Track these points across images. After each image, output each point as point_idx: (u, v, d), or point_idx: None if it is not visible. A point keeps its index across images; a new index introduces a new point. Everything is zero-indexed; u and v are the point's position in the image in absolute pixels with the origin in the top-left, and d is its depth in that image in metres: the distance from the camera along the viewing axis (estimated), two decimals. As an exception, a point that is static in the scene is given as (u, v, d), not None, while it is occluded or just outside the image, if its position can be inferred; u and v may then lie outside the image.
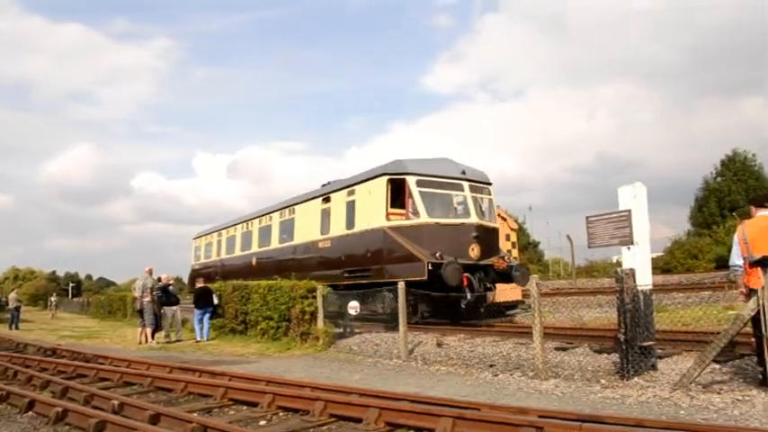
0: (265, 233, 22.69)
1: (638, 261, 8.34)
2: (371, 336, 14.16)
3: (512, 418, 5.40)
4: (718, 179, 43.34)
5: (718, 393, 6.73)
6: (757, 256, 6.78)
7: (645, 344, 8.00)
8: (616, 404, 6.63)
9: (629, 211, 8.47)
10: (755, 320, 6.70)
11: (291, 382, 8.25)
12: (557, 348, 10.34)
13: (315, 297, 14.24)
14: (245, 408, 7.28)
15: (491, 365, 9.85)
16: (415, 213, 14.84)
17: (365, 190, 16.04)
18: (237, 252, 25.26)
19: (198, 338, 16.84)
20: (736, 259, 7.11)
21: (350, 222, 16.49)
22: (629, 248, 8.41)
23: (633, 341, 7.93)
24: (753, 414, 5.78)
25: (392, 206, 15.55)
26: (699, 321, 12.04)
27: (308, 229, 18.93)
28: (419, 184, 15.02)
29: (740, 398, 6.38)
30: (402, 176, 15.18)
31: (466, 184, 15.51)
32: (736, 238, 7.24)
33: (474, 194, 15.59)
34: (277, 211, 21.77)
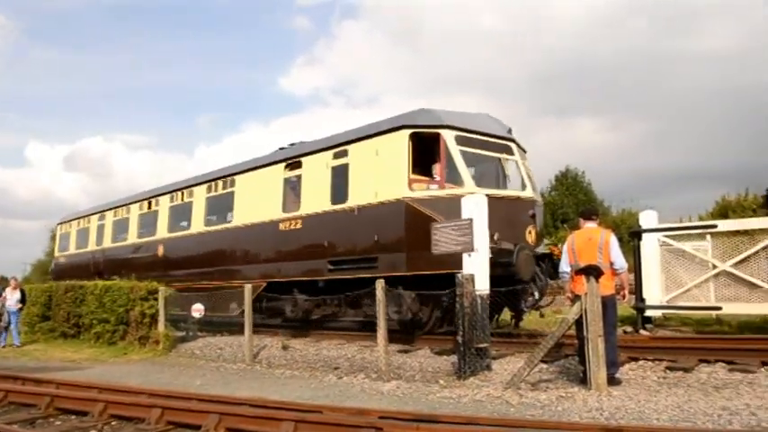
0: (179, 214, 17.46)
1: (477, 267, 8.75)
2: (215, 339, 13.84)
3: (352, 420, 5.49)
4: (552, 193, 46.43)
5: (545, 391, 7.20)
6: (582, 264, 7.36)
7: (480, 345, 8.42)
8: (453, 403, 6.91)
9: (471, 219, 8.89)
10: (579, 323, 7.24)
11: (126, 389, 7.92)
12: (400, 351, 10.62)
13: (156, 299, 13.64)
14: (73, 417, 6.89)
15: (336, 368, 9.94)
16: (457, 182, 10.92)
17: (369, 150, 11.72)
18: (131, 239, 19.25)
19: (17, 343, 15.61)
20: (565, 267, 7.70)
21: (338, 195, 12.16)
22: (469, 255, 8.81)
23: (470, 343, 8.32)
24: (573, 409, 6.23)
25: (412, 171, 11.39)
26: (531, 324, 12.87)
27: (258, 206, 14.24)
28: (459, 141, 11.00)
29: (563, 395, 6.86)
30: (434, 130, 11.09)
31: (515, 147, 11.91)
32: (565, 247, 7.82)
33: (524, 161, 12.08)
34: (201, 184, 16.44)
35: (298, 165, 13.39)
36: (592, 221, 7.82)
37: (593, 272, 7.18)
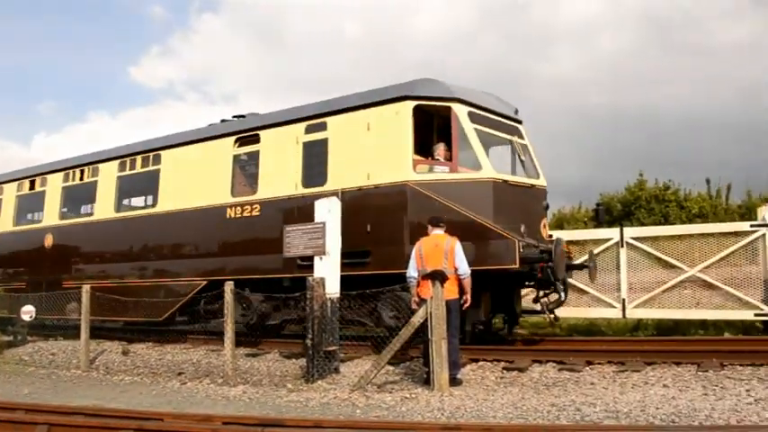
0: (78, 196, 14.88)
1: (329, 271, 8.81)
2: (48, 344, 12.84)
3: (195, 427, 5.35)
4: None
5: (390, 392, 7.37)
6: (429, 269, 7.63)
7: (329, 348, 8.47)
8: (300, 407, 6.90)
9: (324, 223, 8.93)
10: (425, 326, 7.49)
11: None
12: (248, 354, 10.44)
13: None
14: None
15: (180, 373, 9.60)
16: (471, 165, 9.67)
17: (357, 123, 10.04)
18: (2, 227, 15.81)
19: None
20: (412, 271, 7.93)
21: (313, 177, 10.45)
22: (321, 258, 8.84)
23: (319, 346, 8.35)
24: (417, 409, 6.43)
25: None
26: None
27: (194, 188, 11.96)
28: (472, 118, 9.65)
29: (408, 396, 7.07)
30: (444, 103, 9.73)
31: (523, 129, 10.73)
32: (413, 253, 8.06)
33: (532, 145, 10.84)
34: (111, 160, 13.70)
35: (254, 139, 11.33)
36: (439, 228, 8.12)
37: (438, 277, 7.47)
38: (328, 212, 9.00)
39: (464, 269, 7.77)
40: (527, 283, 9.87)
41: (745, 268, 10.93)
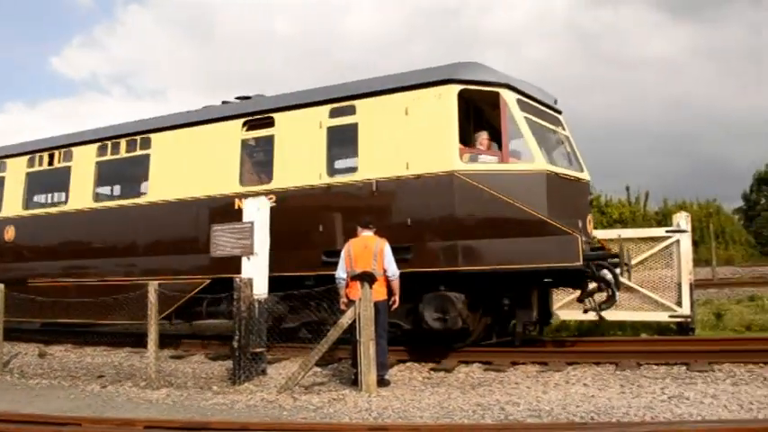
0: (46, 183, 13.59)
1: (257, 271, 8.71)
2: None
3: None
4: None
5: (318, 394, 7.40)
6: (358, 271, 7.66)
7: (256, 350, 8.39)
8: (226, 409, 6.83)
9: (253, 223, 8.82)
10: (353, 327, 7.50)
11: None
12: (172, 357, 10.24)
13: None
14: None
15: (100, 376, 9.35)
16: (520, 156, 9.32)
17: (392, 107, 9.43)
18: None
19: None
20: (341, 273, 7.96)
21: (340, 165, 10.35)
22: (249, 259, 8.73)
23: (246, 348, 8.24)
24: (344, 410, 6.48)
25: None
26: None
27: (193, 176, 11.04)
28: (521, 106, 9.19)
29: (335, 397, 7.11)
30: (492, 89, 9.20)
31: (563, 120, 10.38)
32: (342, 253, 8.07)
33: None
34: (89, 143, 12.43)
35: (267, 123, 10.54)
36: (368, 230, 8.16)
37: (367, 278, 7.51)
38: (257, 211, 8.94)
39: (393, 271, 7.85)
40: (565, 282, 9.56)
41: (661, 272, 11.45)
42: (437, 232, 8.93)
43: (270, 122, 10.46)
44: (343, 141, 9.94)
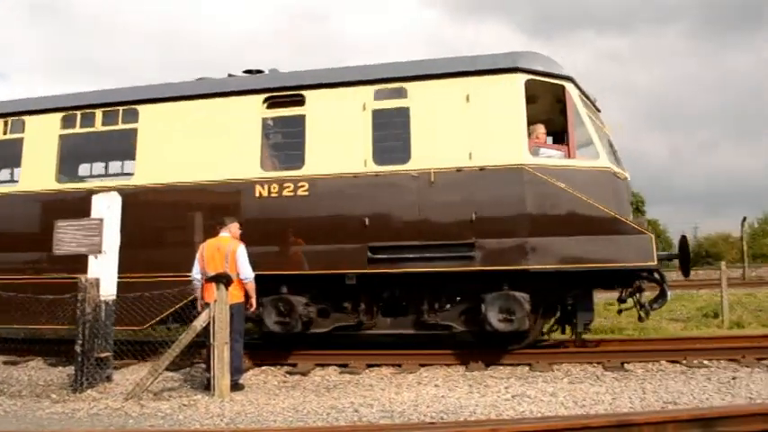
0: None
1: (105, 271, 8.25)
2: None
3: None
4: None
5: (168, 400, 7.09)
6: (211, 272, 7.46)
7: (102, 355, 7.93)
8: (65, 419, 6.41)
9: (102, 219, 8.34)
10: (207, 330, 7.30)
11: None
12: (5, 362, 9.50)
13: None
14: None
15: None
16: (588, 153, 9.01)
17: (450, 92, 8.85)
18: None
19: None
20: (195, 274, 7.71)
21: (388, 152, 9.09)
22: (96, 257, 8.25)
23: (90, 352, 7.78)
24: (195, 416, 6.26)
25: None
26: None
27: (200, 157, 9.45)
28: (582, 102, 9.00)
29: (186, 403, 6.84)
30: (558, 81, 8.92)
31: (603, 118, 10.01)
32: (197, 254, 7.83)
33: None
34: (49, 112, 10.22)
35: (294, 101, 9.37)
36: (225, 230, 7.98)
37: (222, 280, 7.32)
38: (107, 209, 8.44)
39: (246, 273, 7.69)
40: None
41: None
42: (505, 229, 8.42)
43: (299, 100, 9.32)
44: (391, 126, 9.09)
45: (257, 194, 9.09)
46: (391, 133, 9.16)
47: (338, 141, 9.02)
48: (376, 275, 8.69)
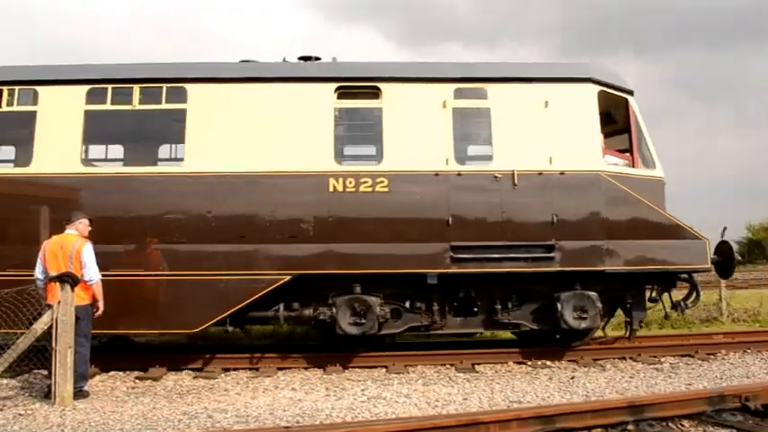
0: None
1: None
2: None
3: None
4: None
5: (1, 410, 6.55)
6: (53, 272, 7.00)
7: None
8: None
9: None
10: (50, 334, 6.83)
11: None
12: None
13: None
14: None
15: None
16: (647, 163, 9.56)
17: (529, 97, 9.08)
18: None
19: None
20: (38, 273, 7.21)
21: (469, 151, 9.58)
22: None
23: None
24: (32, 427, 5.89)
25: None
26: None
27: (262, 145, 8.79)
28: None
29: (23, 412, 6.42)
30: (623, 95, 9.58)
31: None
32: (40, 253, 7.31)
33: None
34: (70, 84, 8.82)
35: (369, 92, 9.09)
36: (71, 228, 7.50)
37: (67, 280, 6.88)
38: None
39: (92, 274, 7.25)
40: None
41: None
42: (583, 231, 8.80)
43: (374, 93, 9.07)
44: (472, 126, 9.19)
45: (331, 188, 8.70)
46: (473, 133, 9.30)
47: (418, 137, 8.92)
48: (455, 275, 8.72)
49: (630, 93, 9.65)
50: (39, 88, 8.76)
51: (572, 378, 7.89)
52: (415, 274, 8.65)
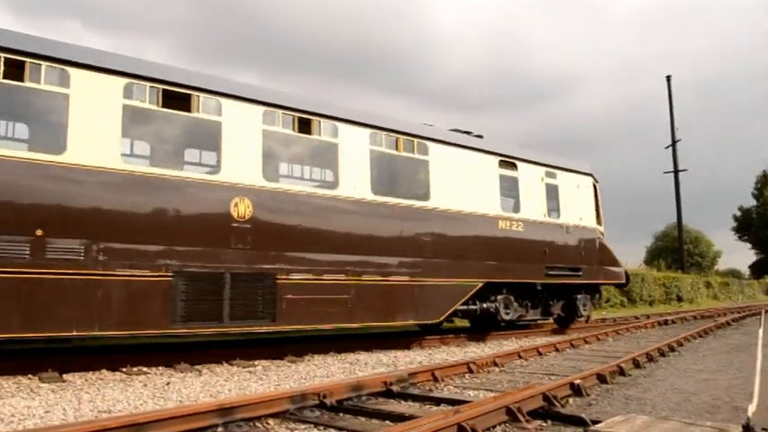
0: (279, 152, 10.69)
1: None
2: None
3: None
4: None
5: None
6: None
7: None
8: None
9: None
10: None
11: None
12: None
13: None
14: None
15: None
16: (599, 223, 16.33)
17: (572, 181, 15.51)
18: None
19: None
20: None
21: (552, 210, 14.79)
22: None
23: None
24: None
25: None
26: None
27: (465, 192, 12.63)
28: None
29: None
30: (595, 184, 16.48)
31: None
32: None
33: None
34: (361, 126, 11.14)
35: (513, 166, 14.00)
36: None
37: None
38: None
39: None
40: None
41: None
42: (593, 261, 15.52)
43: (515, 167, 14.02)
44: (553, 194, 14.93)
45: (500, 226, 13.35)
46: (552, 198, 14.92)
47: (533, 198, 14.37)
48: (546, 284, 14.29)
49: (597, 182, 16.51)
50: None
51: (167, 384, 7.52)
52: (530, 283, 13.93)
